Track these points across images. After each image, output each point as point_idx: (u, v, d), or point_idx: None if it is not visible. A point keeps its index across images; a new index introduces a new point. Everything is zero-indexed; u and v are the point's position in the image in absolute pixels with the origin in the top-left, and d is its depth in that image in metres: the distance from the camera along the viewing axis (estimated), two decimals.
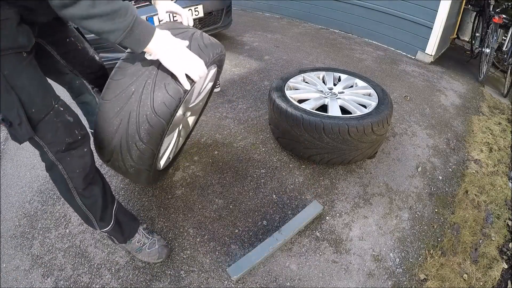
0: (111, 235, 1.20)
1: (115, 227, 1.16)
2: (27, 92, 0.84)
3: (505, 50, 2.88)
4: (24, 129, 0.85)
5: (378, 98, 1.70)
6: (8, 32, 0.77)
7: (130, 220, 1.25)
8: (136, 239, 1.25)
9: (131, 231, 1.24)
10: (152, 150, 1.05)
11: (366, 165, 1.79)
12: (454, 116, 2.37)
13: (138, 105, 0.95)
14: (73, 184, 1.01)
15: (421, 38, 3.23)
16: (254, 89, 2.52)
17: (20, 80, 0.83)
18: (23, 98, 0.83)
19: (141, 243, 1.26)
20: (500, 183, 1.78)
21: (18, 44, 0.81)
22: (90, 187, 1.06)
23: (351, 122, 1.45)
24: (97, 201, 1.09)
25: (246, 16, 4.70)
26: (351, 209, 1.54)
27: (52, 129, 0.91)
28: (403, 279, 1.27)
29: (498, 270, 1.34)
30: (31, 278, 1.26)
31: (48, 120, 0.90)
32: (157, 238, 1.31)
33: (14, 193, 1.63)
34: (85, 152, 1.02)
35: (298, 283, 1.23)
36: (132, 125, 0.96)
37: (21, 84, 0.83)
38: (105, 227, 1.14)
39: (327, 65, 3.00)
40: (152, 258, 1.27)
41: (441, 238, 1.45)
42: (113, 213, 1.15)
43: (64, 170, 0.98)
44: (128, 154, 1.03)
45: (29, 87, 0.85)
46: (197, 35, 1.08)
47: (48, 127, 0.90)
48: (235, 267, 1.22)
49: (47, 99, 0.90)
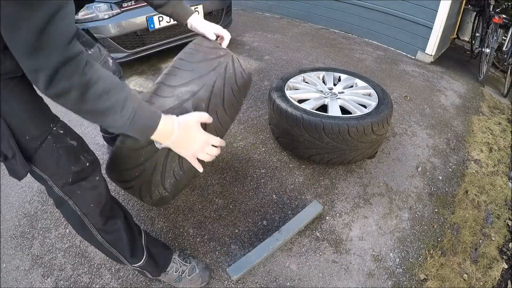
0: (144, 269, 1.07)
1: (148, 261, 1.04)
2: (17, 117, 0.72)
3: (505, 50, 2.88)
4: (19, 162, 0.73)
5: (378, 98, 1.70)
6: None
7: (163, 249, 1.14)
8: (173, 269, 1.14)
9: (166, 262, 1.13)
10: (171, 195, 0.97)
11: (366, 165, 1.79)
12: (454, 116, 2.37)
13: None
14: (90, 221, 0.88)
15: (421, 38, 3.23)
16: (254, 89, 2.52)
17: (7, 105, 0.70)
18: (13, 125, 0.71)
19: (179, 272, 1.15)
20: (500, 183, 1.78)
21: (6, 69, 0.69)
22: (110, 221, 0.93)
23: (351, 122, 1.45)
24: (121, 236, 0.96)
25: (246, 16, 4.70)
26: (351, 209, 1.54)
27: (53, 158, 0.78)
28: (403, 279, 1.27)
29: (498, 270, 1.34)
30: (31, 278, 1.26)
31: (46, 148, 0.77)
32: (195, 262, 1.20)
33: (14, 193, 1.63)
34: (97, 182, 0.88)
35: (298, 283, 1.23)
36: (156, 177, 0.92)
37: (9, 109, 0.70)
38: (137, 262, 1.02)
39: (327, 65, 3.00)
40: (195, 284, 1.17)
41: (441, 238, 1.45)
42: (144, 245, 1.03)
43: (76, 206, 0.85)
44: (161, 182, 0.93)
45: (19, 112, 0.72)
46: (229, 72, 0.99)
47: (47, 156, 0.77)
48: (235, 267, 1.22)
49: (43, 122, 0.77)
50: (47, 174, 0.79)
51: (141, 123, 0.69)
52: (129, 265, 1.02)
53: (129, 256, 0.99)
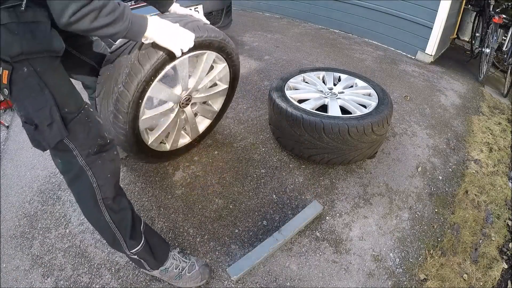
0: (142, 258, 1.07)
1: (145, 248, 1.06)
2: (60, 90, 0.83)
3: (505, 50, 2.88)
4: (55, 130, 0.81)
5: (378, 98, 1.70)
6: (43, 35, 0.78)
7: (160, 241, 1.15)
8: (173, 266, 1.15)
9: (163, 254, 1.14)
10: (128, 96, 1.13)
11: (366, 165, 1.79)
12: (454, 116, 2.37)
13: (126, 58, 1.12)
14: (102, 195, 0.94)
15: (421, 38, 3.23)
16: (254, 89, 2.52)
17: (53, 79, 0.81)
18: (56, 96, 0.81)
19: (179, 269, 1.15)
20: (500, 183, 1.78)
21: (53, 47, 0.81)
22: (119, 198, 1.00)
23: (351, 122, 1.45)
24: (127, 216, 1.01)
25: (246, 16, 4.70)
26: (351, 209, 1.54)
27: (85, 130, 0.88)
28: (403, 279, 1.27)
29: (498, 270, 1.34)
30: (31, 278, 1.26)
31: (81, 120, 0.87)
32: (195, 259, 1.21)
33: (14, 193, 1.63)
34: (115, 155, 0.98)
35: (298, 283, 1.23)
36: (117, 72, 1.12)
37: (54, 82, 0.81)
38: (135, 247, 1.03)
39: (327, 65, 3.00)
40: (195, 281, 1.17)
41: (441, 238, 1.45)
42: (142, 231, 1.06)
43: (94, 176, 0.91)
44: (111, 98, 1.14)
45: (62, 86, 0.84)
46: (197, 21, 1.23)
47: (80, 128, 0.87)
48: (235, 267, 1.22)
49: (78, 98, 0.89)
50: (75, 144, 0.87)
51: (137, 24, 0.89)
52: (127, 252, 1.03)
53: (128, 238, 1.02)
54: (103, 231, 1.01)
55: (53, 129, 0.81)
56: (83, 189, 0.93)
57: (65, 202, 1.56)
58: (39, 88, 0.78)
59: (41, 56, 0.78)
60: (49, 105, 0.79)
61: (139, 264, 1.11)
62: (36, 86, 0.78)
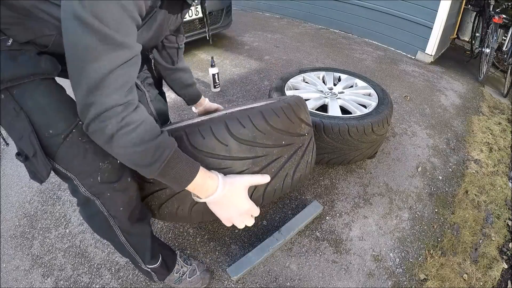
0: (154, 271, 1.03)
1: (161, 264, 1.02)
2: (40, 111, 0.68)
3: (505, 50, 2.88)
4: (40, 162, 0.68)
5: (378, 98, 1.70)
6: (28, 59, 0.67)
7: (170, 252, 1.11)
8: (175, 270, 1.12)
9: (172, 264, 1.11)
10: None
11: (366, 165, 1.79)
12: (454, 116, 2.37)
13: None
14: (117, 223, 0.83)
15: (421, 38, 3.23)
16: (254, 89, 2.52)
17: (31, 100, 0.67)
18: (35, 119, 0.67)
19: (180, 273, 1.13)
20: (500, 183, 1.78)
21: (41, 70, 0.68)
22: (137, 224, 0.88)
23: (351, 122, 1.45)
24: (146, 241, 0.93)
25: (246, 16, 4.70)
26: (351, 209, 1.54)
27: (79, 153, 0.71)
28: (403, 279, 1.27)
29: (498, 270, 1.34)
30: (31, 278, 1.26)
31: (71, 143, 0.70)
32: (196, 263, 1.19)
33: (14, 193, 1.63)
34: (129, 183, 0.80)
35: (298, 283, 1.23)
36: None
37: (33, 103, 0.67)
38: (152, 264, 0.99)
39: (327, 65, 3.00)
40: (195, 286, 1.15)
41: (441, 238, 1.45)
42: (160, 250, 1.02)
43: (104, 206, 0.78)
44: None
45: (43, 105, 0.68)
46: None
47: (72, 152, 0.71)
48: (235, 267, 1.22)
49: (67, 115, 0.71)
50: (72, 172, 0.73)
51: (175, 174, 0.67)
52: (143, 265, 0.99)
53: (149, 259, 0.97)
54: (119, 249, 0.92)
55: (38, 161, 0.68)
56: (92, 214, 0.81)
57: (65, 202, 1.56)
58: (15, 113, 0.66)
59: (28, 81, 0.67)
60: (27, 132, 0.66)
61: (148, 276, 1.07)
62: (12, 111, 0.66)
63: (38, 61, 0.68)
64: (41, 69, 0.68)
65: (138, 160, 0.63)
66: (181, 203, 0.89)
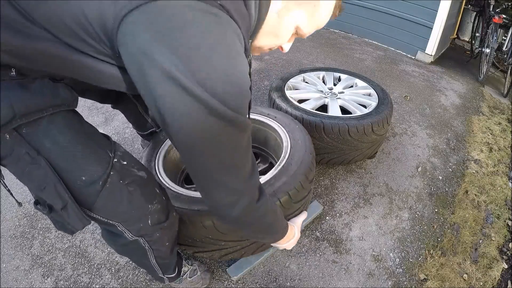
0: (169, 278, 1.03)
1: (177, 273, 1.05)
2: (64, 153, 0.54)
3: (505, 50, 2.88)
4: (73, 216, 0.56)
5: (378, 98, 1.70)
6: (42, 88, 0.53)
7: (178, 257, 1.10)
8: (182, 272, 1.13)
9: (181, 267, 1.10)
10: None
11: (366, 165, 1.79)
12: (454, 116, 2.37)
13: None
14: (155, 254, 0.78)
15: (421, 38, 3.23)
16: (254, 89, 2.52)
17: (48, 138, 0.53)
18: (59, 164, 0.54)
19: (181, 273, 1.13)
20: (500, 183, 1.78)
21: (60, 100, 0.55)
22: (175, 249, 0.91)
23: (351, 122, 1.45)
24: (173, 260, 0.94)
25: None
26: (351, 209, 1.54)
27: (123, 199, 0.61)
28: (403, 279, 1.27)
29: (498, 270, 1.34)
30: (31, 278, 1.26)
31: (112, 188, 0.59)
32: (197, 263, 1.18)
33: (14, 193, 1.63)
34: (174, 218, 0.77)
35: (298, 283, 1.23)
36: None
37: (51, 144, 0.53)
38: (171, 274, 1.01)
39: (327, 65, 3.00)
40: (196, 286, 1.15)
41: (441, 238, 1.45)
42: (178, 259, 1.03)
43: (147, 243, 0.72)
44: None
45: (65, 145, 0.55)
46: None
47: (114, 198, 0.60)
48: (235, 267, 1.22)
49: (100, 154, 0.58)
50: (116, 220, 0.63)
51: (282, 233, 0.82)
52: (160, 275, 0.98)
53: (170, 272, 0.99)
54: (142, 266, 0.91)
55: (70, 213, 0.56)
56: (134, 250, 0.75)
57: None
58: (29, 158, 0.53)
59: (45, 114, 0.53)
60: (51, 182, 0.54)
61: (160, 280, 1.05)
62: (25, 156, 0.52)
63: (56, 88, 0.55)
64: (60, 99, 0.55)
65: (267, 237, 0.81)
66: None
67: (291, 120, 1.35)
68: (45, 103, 0.53)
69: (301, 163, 1.09)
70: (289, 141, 1.21)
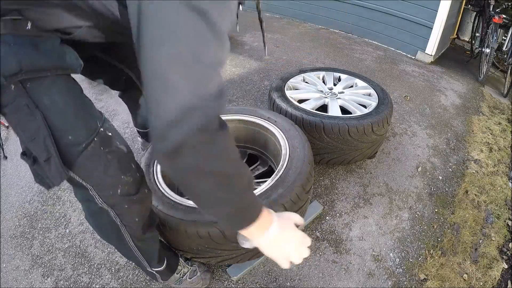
0: (160, 273, 1.04)
1: (166, 265, 1.03)
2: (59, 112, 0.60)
3: (505, 50, 2.88)
4: (53, 169, 0.60)
5: (378, 98, 1.70)
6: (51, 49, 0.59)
7: (173, 253, 1.11)
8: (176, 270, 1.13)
9: (175, 264, 1.10)
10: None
11: (366, 165, 1.79)
12: (454, 116, 2.37)
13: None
14: (128, 231, 0.80)
15: (421, 38, 3.23)
16: (254, 89, 2.52)
17: (48, 96, 0.59)
18: (53, 121, 0.59)
19: (180, 274, 1.13)
20: (500, 183, 1.78)
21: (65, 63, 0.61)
22: (149, 231, 0.86)
23: (351, 122, 1.45)
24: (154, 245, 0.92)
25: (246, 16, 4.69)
26: (351, 209, 1.54)
27: (100, 164, 0.66)
28: (403, 279, 1.27)
29: (498, 270, 1.34)
30: (31, 278, 1.26)
31: (94, 152, 0.64)
32: (197, 264, 1.18)
33: (14, 193, 1.63)
34: (145, 194, 0.78)
35: (298, 283, 1.23)
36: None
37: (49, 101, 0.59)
38: (158, 267, 1.00)
39: (327, 65, 3.00)
40: (196, 287, 1.16)
41: (441, 238, 1.45)
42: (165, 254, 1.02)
43: (118, 217, 0.75)
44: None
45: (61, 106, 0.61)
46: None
47: (94, 162, 0.65)
48: (235, 267, 1.22)
49: (89, 120, 0.64)
50: (90, 183, 0.67)
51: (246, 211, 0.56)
52: (148, 268, 0.98)
53: (156, 263, 0.97)
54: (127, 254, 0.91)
55: (51, 166, 0.61)
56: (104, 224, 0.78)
57: (65, 202, 1.56)
58: (28, 110, 0.58)
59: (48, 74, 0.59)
60: (43, 135, 0.59)
61: (152, 277, 1.07)
62: (24, 108, 0.58)
63: (63, 53, 0.61)
64: (65, 63, 0.61)
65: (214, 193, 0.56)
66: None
67: (291, 125, 1.34)
68: (51, 64, 0.58)
69: (299, 174, 1.07)
70: (288, 149, 1.20)
